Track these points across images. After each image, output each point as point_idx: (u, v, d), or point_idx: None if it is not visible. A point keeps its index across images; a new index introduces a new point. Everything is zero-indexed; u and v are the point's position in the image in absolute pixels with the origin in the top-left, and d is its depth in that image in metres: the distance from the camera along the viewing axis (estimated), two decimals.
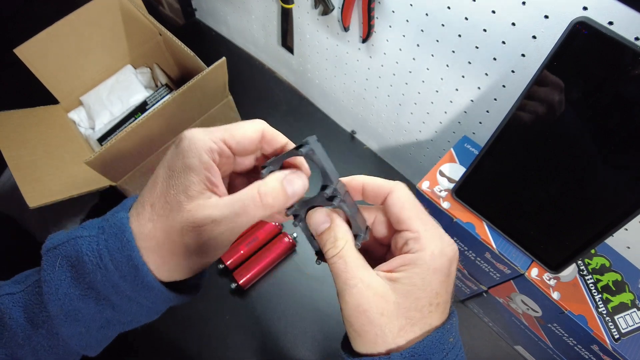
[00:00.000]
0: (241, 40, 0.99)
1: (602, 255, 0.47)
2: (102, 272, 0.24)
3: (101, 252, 0.24)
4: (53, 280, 0.24)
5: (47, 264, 0.25)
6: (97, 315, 0.26)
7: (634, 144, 0.34)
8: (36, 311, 0.25)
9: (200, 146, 0.24)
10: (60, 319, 0.25)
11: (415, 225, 0.25)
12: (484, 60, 0.48)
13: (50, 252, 0.25)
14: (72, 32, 0.71)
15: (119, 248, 0.24)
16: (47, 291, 0.24)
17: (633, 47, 0.30)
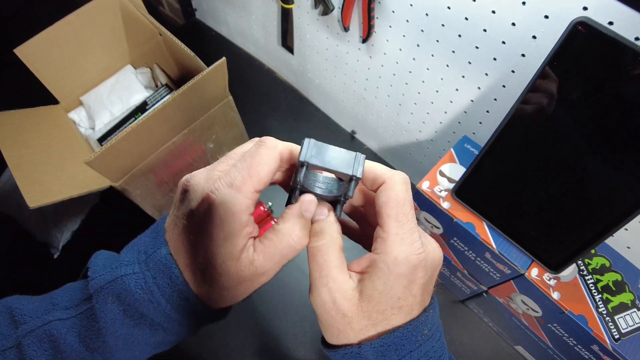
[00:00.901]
0: (241, 40, 0.99)
1: (602, 255, 0.47)
2: (154, 306, 0.26)
3: (151, 289, 0.26)
4: (107, 314, 0.26)
5: (98, 302, 0.26)
6: (151, 339, 0.27)
7: (634, 144, 0.34)
8: (92, 337, 0.26)
9: (238, 210, 0.24)
10: (118, 347, 0.26)
11: (389, 226, 0.25)
12: (484, 60, 0.48)
13: (99, 291, 0.26)
14: (72, 32, 0.71)
15: (169, 284, 0.26)
16: (104, 325, 0.26)
17: (633, 47, 0.30)
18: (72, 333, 0.27)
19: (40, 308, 0.28)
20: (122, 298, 0.26)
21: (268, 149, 0.25)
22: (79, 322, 0.27)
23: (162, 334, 0.27)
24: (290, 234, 0.26)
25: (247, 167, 0.24)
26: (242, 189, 0.24)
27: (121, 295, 0.26)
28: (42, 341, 0.27)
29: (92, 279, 0.27)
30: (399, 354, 0.25)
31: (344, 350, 0.25)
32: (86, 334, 0.27)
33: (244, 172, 0.24)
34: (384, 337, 0.24)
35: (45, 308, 0.28)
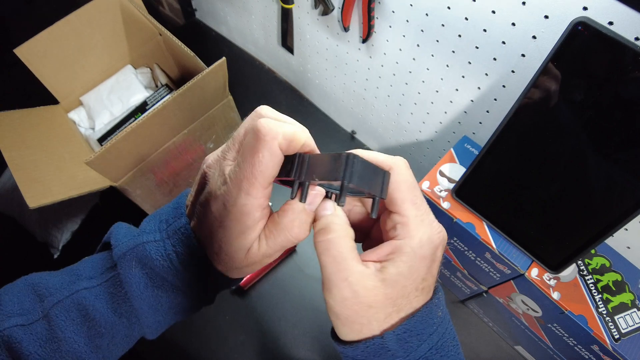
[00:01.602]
0: (241, 41, 0.99)
1: (602, 256, 0.47)
2: (173, 272, 0.27)
3: (170, 257, 0.27)
4: (132, 279, 0.27)
5: (122, 268, 0.28)
6: (174, 302, 0.29)
7: (634, 144, 0.34)
8: (120, 302, 0.28)
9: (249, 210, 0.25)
10: (144, 310, 0.28)
11: (407, 210, 0.25)
12: (484, 61, 0.48)
13: (123, 257, 0.28)
14: (72, 32, 0.71)
15: (188, 253, 0.27)
16: (129, 289, 0.27)
17: (633, 47, 0.30)
18: (101, 300, 0.28)
19: (64, 280, 0.29)
20: (144, 263, 0.27)
21: (267, 147, 0.24)
22: (106, 289, 0.28)
23: (182, 297, 0.29)
24: (289, 229, 0.26)
25: (251, 170, 0.24)
26: (251, 193, 0.24)
27: (143, 260, 0.27)
28: (70, 310, 0.27)
29: (115, 246, 0.28)
30: (420, 339, 0.24)
31: (364, 344, 0.24)
32: (114, 300, 0.28)
33: (248, 175, 0.24)
34: (405, 322, 0.24)
35: (70, 279, 0.29)
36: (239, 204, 0.25)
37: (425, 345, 0.24)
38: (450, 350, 0.25)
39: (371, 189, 0.24)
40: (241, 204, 0.25)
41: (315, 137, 0.26)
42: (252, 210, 0.25)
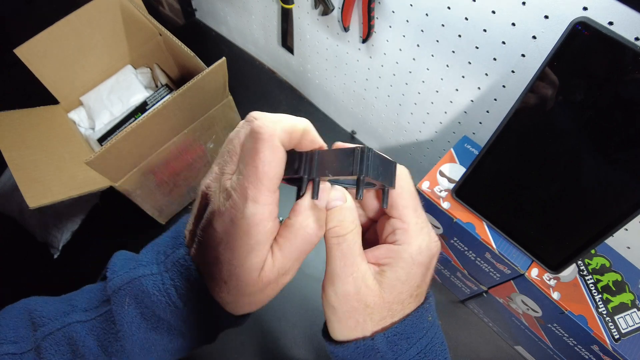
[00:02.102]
0: (241, 41, 0.99)
1: (602, 256, 0.47)
2: (171, 309, 0.25)
3: (168, 291, 0.25)
4: (125, 317, 0.25)
5: (116, 305, 0.26)
6: (169, 345, 0.27)
7: (634, 144, 0.34)
8: (111, 341, 0.26)
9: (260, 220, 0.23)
10: (135, 352, 0.26)
11: (408, 217, 0.25)
12: (484, 61, 0.48)
13: (117, 292, 0.26)
14: (72, 32, 0.71)
15: (188, 287, 0.25)
16: (121, 328, 0.25)
17: (633, 47, 0.30)
18: (91, 336, 0.26)
19: (59, 310, 0.27)
20: (139, 300, 0.25)
21: (268, 145, 0.23)
22: (98, 324, 0.27)
23: (179, 339, 0.27)
24: (305, 227, 0.25)
25: (254, 173, 0.23)
26: (259, 199, 0.23)
27: (139, 296, 0.25)
28: (60, 344, 0.26)
29: (110, 279, 0.26)
30: (409, 342, 0.25)
31: (355, 344, 0.25)
32: (104, 337, 0.26)
33: (252, 180, 0.23)
34: (396, 325, 0.24)
35: (64, 310, 0.27)
36: (248, 214, 0.23)
37: (414, 349, 0.25)
38: (438, 354, 0.26)
39: (385, 180, 0.24)
40: (250, 214, 0.22)
41: None
42: (263, 219, 0.23)
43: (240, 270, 0.24)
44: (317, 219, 0.25)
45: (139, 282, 0.25)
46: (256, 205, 0.23)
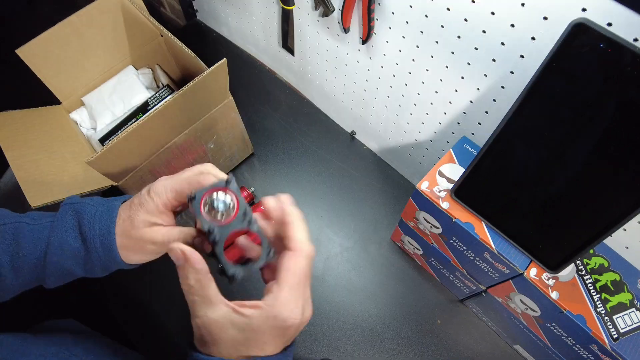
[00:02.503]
0: (242, 42, 1.00)
1: (600, 255, 0.48)
2: (89, 228, 0.36)
3: (94, 217, 0.37)
4: (63, 220, 0.37)
5: (62, 211, 0.38)
6: (75, 253, 0.37)
7: (633, 145, 0.34)
8: (42, 238, 0.37)
9: (160, 190, 0.37)
10: (54, 246, 0.36)
11: (282, 289, 0.30)
12: (483, 62, 0.48)
13: (67, 204, 0.38)
14: (73, 33, 0.71)
15: (106, 219, 0.37)
16: (56, 226, 0.37)
17: (632, 48, 0.30)
18: (31, 233, 0.37)
19: (16, 215, 0.39)
20: (77, 215, 0.37)
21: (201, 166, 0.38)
22: (39, 227, 0.37)
23: (84, 252, 0.37)
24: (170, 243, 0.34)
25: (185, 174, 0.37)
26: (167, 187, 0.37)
27: (78, 212, 0.37)
28: (6, 233, 0.37)
29: (66, 200, 0.39)
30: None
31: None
32: (38, 235, 0.36)
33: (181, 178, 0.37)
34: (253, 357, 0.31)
35: (20, 215, 0.39)
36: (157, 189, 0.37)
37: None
38: None
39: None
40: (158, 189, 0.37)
41: (316, 137, 0.27)
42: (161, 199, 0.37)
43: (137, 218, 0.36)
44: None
45: (82, 204, 0.38)
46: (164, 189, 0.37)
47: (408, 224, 0.62)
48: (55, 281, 0.38)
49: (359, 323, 0.67)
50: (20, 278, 0.37)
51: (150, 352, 0.65)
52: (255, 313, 0.30)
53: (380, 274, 0.71)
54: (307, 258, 0.31)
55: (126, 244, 0.37)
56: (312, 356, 0.64)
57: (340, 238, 0.74)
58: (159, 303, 0.69)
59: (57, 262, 0.36)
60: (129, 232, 0.36)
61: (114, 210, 0.37)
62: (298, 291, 0.31)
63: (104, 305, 0.70)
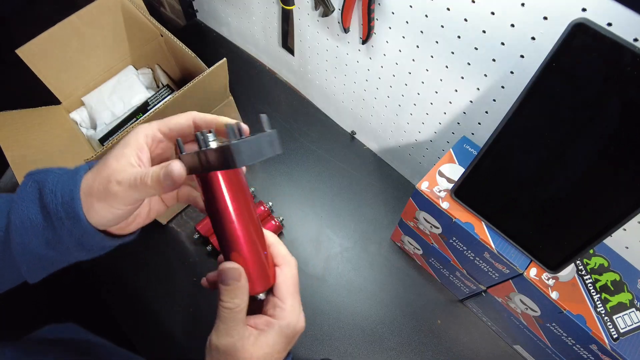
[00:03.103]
0: (242, 42, 1.00)
1: (600, 255, 0.48)
2: (51, 197, 0.32)
3: (57, 184, 0.32)
4: (23, 194, 0.32)
5: (23, 183, 0.33)
6: (41, 230, 0.32)
7: (633, 145, 0.34)
8: (4, 215, 0.33)
9: (139, 131, 0.32)
10: (16, 225, 0.32)
11: (287, 299, 0.33)
12: (483, 62, 0.48)
13: (30, 175, 0.34)
14: (74, 33, 0.71)
15: (68, 184, 0.32)
16: (16, 200, 0.32)
17: (632, 48, 0.30)
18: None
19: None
20: (40, 185, 0.33)
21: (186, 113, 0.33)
22: (1, 204, 0.33)
23: (51, 231, 0.32)
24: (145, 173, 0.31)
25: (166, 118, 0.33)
26: (150, 124, 0.33)
27: (39, 182, 0.33)
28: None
29: (31, 171, 0.34)
30: None
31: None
32: (2, 213, 0.33)
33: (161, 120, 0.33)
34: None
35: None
36: (138, 127, 0.33)
37: None
38: None
39: None
40: (139, 127, 0.33)
41: (316, 137, 0.27)
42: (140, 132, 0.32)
43: (112, 157, 0.31)
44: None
45: (44, 174, 0.33)
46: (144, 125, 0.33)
47: (408, 224, 0.62)
48: (30, 270, 0.34)
49: (359, 323, 0.67)
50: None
51: (150, 351, 0.65)
52: (272, 329, 0.32)
53: (380, 274, 0.71)
54: (295, 267, 0.35)
55: (90, 196, 0.32)
56: (312, 356, 0.64)
57: (340, 238, 0.74)
58: (158, 302, 0.69)
59: (21, 244, 0.32)
60: (92, 183, 0.32)
61: (79, 173, 0.32)
62: (297, 298, 0.34)
63: (103, 306, 0.70)
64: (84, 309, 0.76)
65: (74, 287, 0.81)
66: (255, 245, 0.32)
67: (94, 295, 0.73)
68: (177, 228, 0.76)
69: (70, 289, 0.84)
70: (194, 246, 0.74)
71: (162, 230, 0.76)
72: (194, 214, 0.78)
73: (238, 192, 0.31)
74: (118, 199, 0.31)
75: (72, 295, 0.84)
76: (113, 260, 0.73)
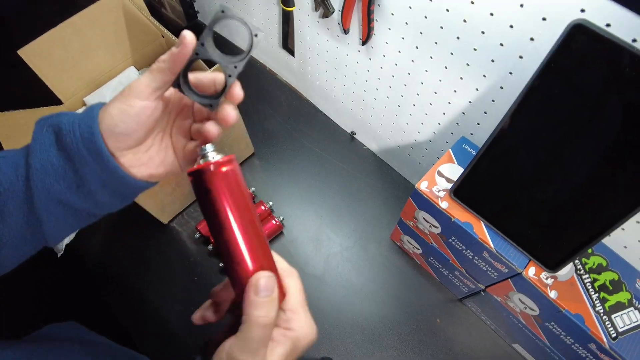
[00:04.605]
0: (242, 42, 1.00)
1: (599, 255, 0.48)
2: (70, 137, 0.31)
3: (74, 123, 0.31)
4: (39, 139, 0.32)
5: (36, 130, 0.32)
6: (63, 173, 0.32)
7: (631, 145, 0.34)
8: (21, 165, 0.32)
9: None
10: (36, 169, 0.31)
11: (299, 309, 0.32)
12: (482, 62, 0.49)
13: (41, 121, 0.32)
14: (75, 33, 0.71)
15: (86, 120, 0.31)
16: (33, 146, 0.31)
17: (631, 49, 0.30)
18: (7, 164, 0.32)
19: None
20: (54, 129, 0.32)
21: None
22: (16, 156, 0.32)
23: (72, 173, 0.32)
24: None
25: None
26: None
27: (54, 126, 0.32)
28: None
29: (40, 118, 0.33)
30: None
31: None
32: (18, 163, 0.32)
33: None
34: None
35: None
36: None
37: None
38: None
39: None
40: None
41: (316, 137, 0.27)
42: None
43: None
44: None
45: (58, 118, 0.32)
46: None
47: (407, 224, 0.62)
48: (53, 225, 0.33)
49: (359, 322, 0.67)
50: (8, 225, 0.32)
51: (151, 350, 0.65)
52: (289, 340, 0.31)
53: (379, 273, 0.71)
54: (299, 278, 0.34)
55: (106, 107, 0.32)
56: (312, 355, 0.64)
57: (340, 238, 0.75)
58: (159, 301, 0.70)
59: (44, 189, 0.32)
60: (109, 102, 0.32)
61: (95, 110, 0.32)
62: (306, 308, 0.33)
63: (104, 305, 0.71)
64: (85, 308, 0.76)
65: (75, 286, 0.82)
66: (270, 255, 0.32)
67: (94, 294, 0.73)
68: (178, 228, 0.77)
69: (71, 288, 0.84)
70: (195, 246, 0.75)
71: (163, 230, 0.76)
72: (194, 214, 0.78)
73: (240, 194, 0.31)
74: (132, 90, 0.31)
75: (73, 294, 0.85)
76: (114, 260, 0.73)
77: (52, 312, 0.85)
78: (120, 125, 0.31)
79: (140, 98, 0.31)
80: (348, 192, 0.79)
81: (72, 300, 0.85)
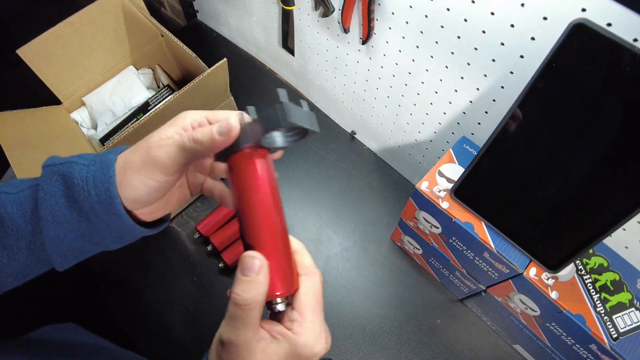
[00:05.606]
0: (242, 42, 1.00)
1: (600, 255, 0.48)
2: (84, 194, 0.30)
3: (87, 179, 0.30)
4: (48, 188, 0.30)
5: (44, 176, 0.31)
6: (76, 225, 0.31)
7: (632, 145, 0.34)
8: (28, 211, 0.30)
9: (186, 115, 0.31)
10: (48, 220, 0.30)
11: (306, 314, 0.29)
12: (482, 62, 0.49)
13: (49, 167, 0.31)
14: (74, 33, 0.71)
15: (102, 180, 0.30)
16: (42, 196, 0.30)
17: (632, 48, 0.30)
18: (13, 205, 0.31)
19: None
20: (64, 179, 0.30)
21: (236, 112, 0.33)
22: (22, 197, 0.31)
23: (86, 224, 0.31)
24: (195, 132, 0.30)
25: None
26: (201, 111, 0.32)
27: (65, 176, 0.30)
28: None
29: (48, 161, 0.31)
30: None
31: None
32: (25, 207, 0.31)
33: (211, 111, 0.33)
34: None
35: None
36: (187, 111, 0.32)
37: None
38: None
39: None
40: (188, 111, 0.32)
41: (316, 137, 0.27)
42: (188, 116, 0.32)
43: (154, 134, 0.30)
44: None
45: (69, 165, 0.30)
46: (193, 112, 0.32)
47: (408, 224, 0.62)
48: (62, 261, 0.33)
49: (359, 322, 0.67)
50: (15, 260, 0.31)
51: (150, 351, 0.65)
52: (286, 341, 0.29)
53: (380, 274, 0.71)
54: (320, 281, 0.31)
55: (125, 169, 0.30)
56: None
57: (340, 238, 0.74)
58: (158, 302, 0.69)
59: (57, 239, 0.31)
60: (129, 156, 0.30)
61: (110, 168, 0.30)
62: (321, 314, 0.30)
63: (103, 306, 0.71)
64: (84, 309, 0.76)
65: (74, 287, 0.82)
66: (284, 240, 0.31)
67: (93, 295, 0.73)
68: (178, 228, 0.77)
69: (70, 289, 0.84)
70: (194, 246, 0.74)
71: (162, 230, 0.76)
72: (194, 214, 0.78)
73: (271, 180, 0.31)
74: (158, 166, 0.30)
75: (72, 295, 0.84)
76: (113, 260, 0.73)
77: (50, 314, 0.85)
78: (143, 197, 0.31)
79: (165, 174, 0.30)
80: (348, 192, 0.79)
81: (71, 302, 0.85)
